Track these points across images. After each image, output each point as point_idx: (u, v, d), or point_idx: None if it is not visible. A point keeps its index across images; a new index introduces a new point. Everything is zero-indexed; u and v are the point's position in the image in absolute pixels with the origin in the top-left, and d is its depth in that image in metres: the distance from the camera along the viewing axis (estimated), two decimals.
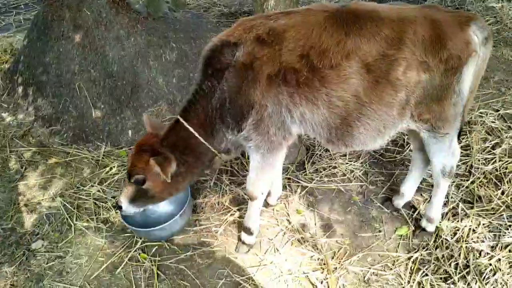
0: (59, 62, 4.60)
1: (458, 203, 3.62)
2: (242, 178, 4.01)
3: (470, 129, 4.32)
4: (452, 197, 3.68)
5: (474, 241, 3.32)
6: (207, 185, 4.00)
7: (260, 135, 2.83)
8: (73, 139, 4.55)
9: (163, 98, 4.57)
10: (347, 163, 4.19)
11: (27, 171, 4.24)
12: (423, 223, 3.44)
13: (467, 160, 4.00)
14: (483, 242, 3.31)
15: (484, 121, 4.39)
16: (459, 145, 3.26)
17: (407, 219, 3.62)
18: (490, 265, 3.13)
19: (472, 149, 4.08)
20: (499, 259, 3.15)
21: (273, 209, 3.77)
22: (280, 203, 3.83)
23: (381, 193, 3.90)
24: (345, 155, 4.28)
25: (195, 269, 3.31)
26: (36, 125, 4.69)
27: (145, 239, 3.51)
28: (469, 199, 3.69)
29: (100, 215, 3.75)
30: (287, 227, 3.61)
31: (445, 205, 3.52)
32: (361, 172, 4.11)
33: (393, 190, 3.87)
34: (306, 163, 4.19)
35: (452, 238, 3.36)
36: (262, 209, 3.52)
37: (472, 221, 3.45)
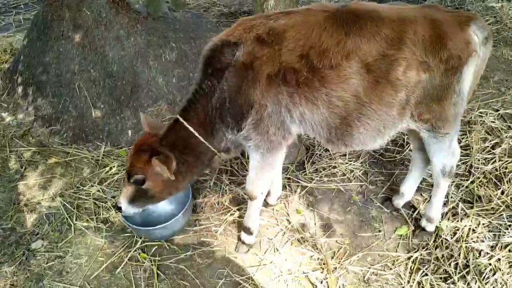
0: (59, 62, 4.60)
1: (458, 203, 3.63)
2: (242, 178, 4.01)
3: (470, 129, 4.32)
4: (452, 197, 3.69)
5: (474, 241, 3.32)
6: (207, 185, 4.00)
7: (260, 135, 2.83)
8: (73, 139, 4.55)
9: (163, 98, 4.57)
10: (347, 163, 4.19)
11: (27, 171, 4.24)
12: (423, 222, 3.44)
13: (467, 160, 4.00)
14: (483, 242, 3.31)
15: (484, 121, 4.39)
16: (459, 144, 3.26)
17: (407, 219, 3.62)
18: (490, 265, 3.13)
19: (472, 149, 4.08)
20: (499, 259, 3.16)
21: (273, 209, 3.77)
22: (280, 203, 3.83)
23: (381, 193, 3.90)
24: (345, 155, 4.28)
25: (195, 268, 3.31)
26: (36, 125, 4.68)
27: (145, 239, 3.51)
28: (469, 199, 3.69)
29: (100, 215, 3.75)
30: (287, 227, 3.61)
31: (445, 205, 3.52)
32: (361, 172, 4.11)
33: (393, 190, 3.87)
34: (306, 163, 4.19)
35: (452, 238, 3.36)
36: (262, 209, 3.52)
37: (472, 221, 3.46)
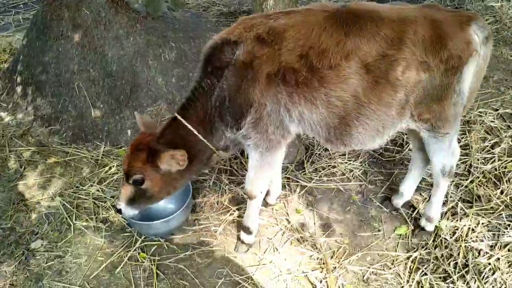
0: (58, 62, 4.60)
1: (457, 202, 3.63)
2: (241, 178, 4.01)
3: (469, 128, 4.32)
4: (451, 197, 3.69)
5: (473, 241, 3.32)
6: (206, 185, 4.00)
7: (259, 134, 2.83)
8: (72, 138, 4.55)
9: (162, 98, 4.57)
10: (346, 163, 4.19)
11: (26, 170, 4.24)
12: (422, 222, 3.44)
13: (466, 160, 4.00)
14: (482, 241, 3.32)
15: (483, 121, 4.39)
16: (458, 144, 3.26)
17: (406, 218, 3.62)
18: (489, 264, 3.13)
19: (471, 148, 4.08)
20: (498, 259, 3.16)
21: (272, 209, 3.78)
22: (280, 202, 3.83)
23: (380, 192, 3.90)
24: (344, 154, 4.28)
25: (195, 268, 3.31)
26: (35, 125, 4.68)
27: (145, 238, 3.50)
28: (468, 199, 3.70)
29: (100, 214, 3.75)
30: (286, 226, 3.61)
31: (444, 204, 3.52)
32: (360, 171, 4.11)
33: (392, 189, 3.87)
34: (305, 163, 4.19)
35: (451, 238, 3.37)
36: (261, 209, 3.52)
37: (471, 221, 3.46)
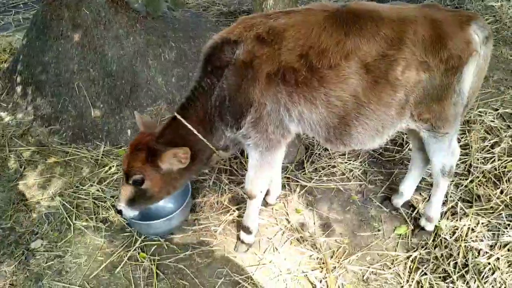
0: (58, 62, 4.60)
1: (457, 202, 3.63)
2: (241, 177, 4.01)
3: (469, 128, 4.32)
4: (451, 196, 3.69)
5: (473, 240, 3.32)
6: (206, 185, 4.00)
7: (259, 133, 2.83)
8: (72, 138, 4.55)
9: (162, 98, 4.57)
10: (346, 163, 4.19)
11: (26, 170, 4.24)
12: (422, 222, 3.44)
13: (466, 159, 4.00)
14: (482, 241, 3.32)
15: (483, 120, 4.39)
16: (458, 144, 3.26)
17: (406, 218, 3.62)
18: (489, 264, 3.13)
19: (471, 148, 4.08)
20: (498, 258, 3.16)
21: (272, 208, 3.78)
22: (279, 202, 3.83)
23: (380, 192, 3.90)
24: (344, 154, 4.28)
25: (194, 268, 3.31)
26: (35, 125, 4.68)
27: (144, 238, 3.50)
28: (468, 198, 3.70)
29: (99, 214, 3.75)
30: (286, 226, 3.61)
31: (444, 204, 3.52)
32: (360, 171, 4.11)
33: (392, 189, 3.87)
34: (305, 162, 4.19)
35: (451, 237, 3.37)
36: (261, 208, 3.52)
37: (471, 220, 3.46)
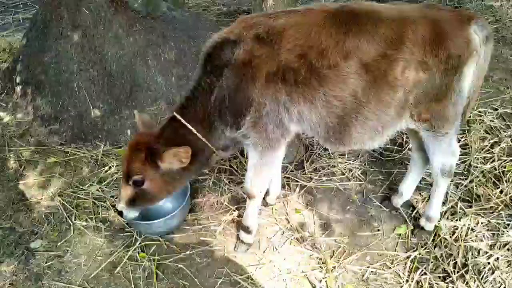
0: (57, 62, 4.59)
1: (456, 202, 3.63)
2: (241, 177, 4.00)
3: (469, 128, 4.32)
4: (450, 196, 3.69)
5: (472, 240, 3.32)
6: (206, 184, 4.00)
7: (258, 133, 2.83)
8: (72, 138, 4.54)
9: (162, 97, 4.57)
10: (346, 162, 4.19)
11: (26, 170, 4.23)
12: (422, 222, 3.44)
13: (465, 159, 4.00)
14: (482, 241, 3.32)
15: (483, 120, 4.39)
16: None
17: (405, 218, 3.62)
18: (489, 263, 3.14)
19: (471, 148, 4.08)
20: (498, 258, 3.16)
21: (272, 208, 3.77)
22: (279, 202, 3.83)
23: (380, 192, 3.91)
24: (344, 154, 4.28)
25: (194, 268, 3.31)
26: (35, 125, 4.67)
27: (144, 238, 3.50)
28: (467, 198, 3.70)
29: (99, 214, 3.75)
30: (286, 226, 3.61)
31: (443, 204, 3.52)
32: (360, 171, 4.11)
33: (392, 189, 3.87)
34: (305, 162, 4.19)
35: (450, 237, 3.37)
36: (261, 208, 3.52)
37: (470, 220, 3.46)
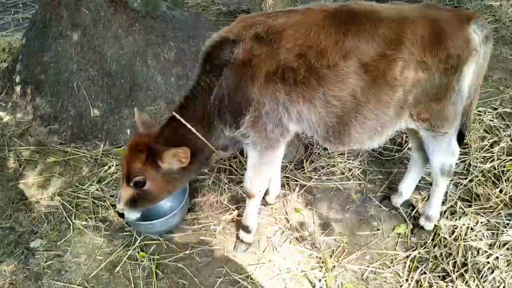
0: (57, 61, 4.60)
1: (456, 201, 3.63)
2: (241, 177, 4.00)
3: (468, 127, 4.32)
4: (450, 196, 3.69)
5: (472, 239, 3.33)
6: (206, 184, 4.00)
7: (258, 132, 2.83)
8: (72, 138, 4.54)
9: (161, 97, 4.57)
10: (345, 162, 4.19)
11: (25, 170, 4.24)
12: (422, 221, 3.44)
13: (465, 159, 4.00)
14: (481, 240, 3.32)
15: (483, 119, 4.40)
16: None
17: (405, 217, 3.62)
18: (488, 263, 3.14)
19: (470, 147, 4.08)
20: (497, 257, 3.16)
21: (272, 208, 3.77)
22: (279, 201, 3.83)
23: (379, 191, 3.91)
24: (343, 153, 4.28)
25: (194, 267, 3.32)
26: (34, 124, 4.68)
27: (144, 237, 3.50)
28: (467, 198, 3.70)
29: (99, 214, 3.75)
30: (285, 225, 3.62)
31: (443, 203, 3.52)
32: (360, 170, 4.11)
33: (392, 188, 3.88)
34: (304, 162, 4.19)
35: (450, 236, 3.37)
36: (260, 208, 3.53)
37: (470, 219, 3.46)
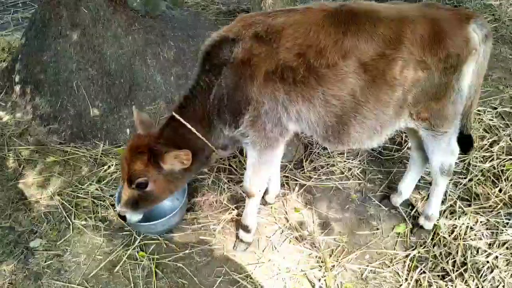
0: (57, 61, 4.59)
1: (456, 200, 3.64)
2: (240, 176, 4.00)
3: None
4: (449, 195, 3.69)
5: (471, 239, 3.33)
6: (205, 183, 4.00)
7: (257, 132, 2.83)
8: (71, 137, 4.54)
9: (161, 97, 4.57)
10: (345, 161, 4.19)
11: (25, 169, 4.24)
12: (421, 220, 3.45)
13: (465, 158, 4.00)
14: (481, 239, 3.32)
15: (482, 119, 4.40)
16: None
17: (405, 217, 3.63)
18: (488, 262, 3.14)
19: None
20: (497, 257, 3.17)
21: (271, 207, 3.78)
22: (278, 201, 3.83)
23: (379, 191, 3.91)
24: (343, 153, 4.28)
25: (193, 267, 3.32)
26: (34, 124, 4.67)
27: (144, 237, 3.50)
28: (466, 197, 3.70)
29: (99, 213, 3.75)
30: (285, 225, 3.62)
31: (442, 202, 3.52)
32: (359, 170, 4.12)
33: (391, 188, 3.88)
34: (304, 161, 4.19)
35: (449, 236, 3.37)
36: (260, 207, 3.53)
37: (469, 219, 3.46)
